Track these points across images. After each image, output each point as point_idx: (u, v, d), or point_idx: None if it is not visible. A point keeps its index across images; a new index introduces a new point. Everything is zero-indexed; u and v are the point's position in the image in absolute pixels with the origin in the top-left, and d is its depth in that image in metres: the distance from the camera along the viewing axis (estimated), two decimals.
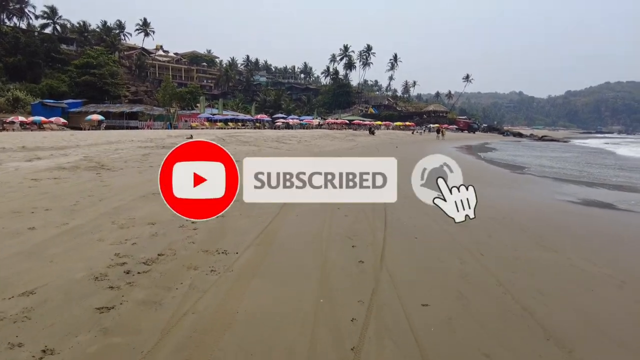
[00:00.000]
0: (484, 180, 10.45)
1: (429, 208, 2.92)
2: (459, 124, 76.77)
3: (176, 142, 13.36)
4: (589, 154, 29.90)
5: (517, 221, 5.72)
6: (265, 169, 2.75)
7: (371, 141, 29.70)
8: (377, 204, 5.58)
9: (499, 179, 11.16)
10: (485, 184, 9.74)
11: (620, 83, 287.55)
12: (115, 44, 69.96)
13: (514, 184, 10.29)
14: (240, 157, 2.61)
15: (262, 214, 5.17)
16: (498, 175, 12.24)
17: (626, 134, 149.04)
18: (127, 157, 9.89)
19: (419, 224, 5.21)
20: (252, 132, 26.30)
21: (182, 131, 28.20)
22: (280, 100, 75.39)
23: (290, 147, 17.47)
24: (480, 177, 11.07)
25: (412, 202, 3.13)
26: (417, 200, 2.88)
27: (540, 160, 19.79)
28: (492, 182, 10.13)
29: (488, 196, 7.40)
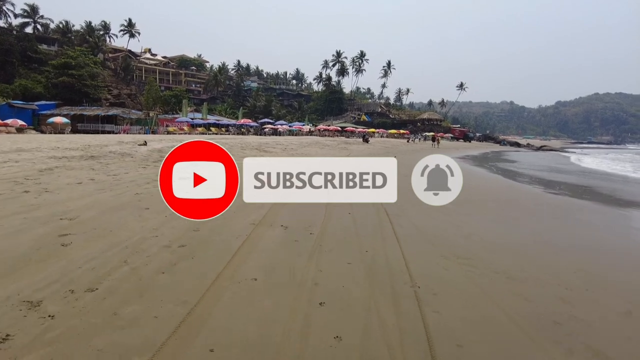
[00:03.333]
0: (522, 206, 7.94)
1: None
2: (455, 132, 75.08)
3: (118, 150, 10.09)
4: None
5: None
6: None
7: (365, 150, 27.26)
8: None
9: (540, 205, 8.64)
10: (526, 212, 7.23)
11: (608, 94, 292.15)
12: (99, 45, 67.62)
13: (568, 213, 7.71)
14: None
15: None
16: (534, 198, 9.73)
17: (616, 145, 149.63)
18: (7, 175, 7.18)
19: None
20: (231, 138, 23.56)
21: (143, 136, 25.28)
22: (270, 106, 73.45)
23: (271, 158, 14.85)
24: (513, 201, 8.56)
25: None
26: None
27: (564, 177, 17.27)
28: (535, 211, 7.62)
29: (556, 242, 5.01)
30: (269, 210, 5.80)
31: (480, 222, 6.13)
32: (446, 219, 6.14)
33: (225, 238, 4.50)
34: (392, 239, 4.77)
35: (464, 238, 5.08)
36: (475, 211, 6.94)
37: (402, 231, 5.16)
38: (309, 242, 4.52)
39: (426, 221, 5.85)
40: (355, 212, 6.12)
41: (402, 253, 4.25)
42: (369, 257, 4.11)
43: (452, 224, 5.79)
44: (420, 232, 5.23)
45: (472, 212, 6.81)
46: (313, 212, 5.88)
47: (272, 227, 5.05)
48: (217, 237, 4.51)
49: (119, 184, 7.01)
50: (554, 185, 13.00)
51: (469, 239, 5.03)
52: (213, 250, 4.11)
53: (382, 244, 4.59)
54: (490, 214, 6.87)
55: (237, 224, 5.03)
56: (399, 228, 5.30)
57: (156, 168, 9.34)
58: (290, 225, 5.12)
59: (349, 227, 5.25)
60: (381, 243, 4.60)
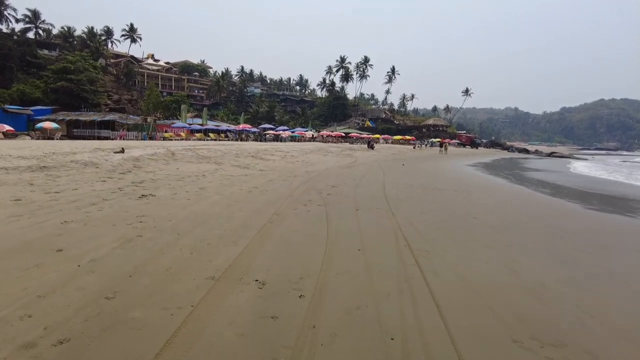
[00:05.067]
0: (583, 233, 6.29)
1: None
2: (462, 138, 73.30)
3: (85, 159, 7.99)
4: None
5: None
6: None
7: (371, 157, 25.67)
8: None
9: (607, 232, 6.98)
10: (594, 244, 5.59)
11: (614, 100, 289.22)
12: (100, 50, 67.04)
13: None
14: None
15: None
16: (596, 221, 8.07)
17: (626, 151, 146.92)
18: None
19: None
20: (228, 144, 22.01)
21: (129, 142, 23.83)
22: (273, 112, 72.31)
23: (266, 166, 13.28)
24: (569, 226, 6.90)
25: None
26: None
27: (612, 189, 15.27)
28: (606, 243, 5.96)
29: None
30: (243, 249, 4.19)
31: (540, 261, 4.52)
32: (492, 255, 4.54)
33: (153, 314, 2.71)
34: (427, 301, 3.17)
35: (532, 295, 3.47)
36: (526, 241, 5.34)
37: (438, 283, 3.58)
38: (295, 317, 2.80)
39: (466, 260, 4.27)
40: (367, 246, 4.53)
41: (448, 334, 2.64)
42: (397, 347, 2.49)
43: (503, 265, 4.20)
44: (464, 283, 3.64)
45: (522, 243, 5.22)
46: (307, 251, 4.29)
47: (241, 283, 3.36)
48: (140, 312, 2.71)
49: (51, 206, 5.44)
50: (610, 202, 11.13)
51: (539, 298, 3.42)
52: (118, 348, 2.30)
53: (413, 311, 2.98)
54: (547, 246, 5.25)
55: (186, 279, 3.32)
56: (433, 277, 3.71)
57: (119, 181, 7.81)
58: (269, 280, 3.45)
59: (360, 279, 3.62)
60: (411, 310, 3.00)
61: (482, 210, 7.52)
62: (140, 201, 6.07)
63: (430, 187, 10.89)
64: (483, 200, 9.05)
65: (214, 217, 5.41)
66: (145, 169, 9.54)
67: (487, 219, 6.71)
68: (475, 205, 8.22)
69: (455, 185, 12.01)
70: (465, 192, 10.42)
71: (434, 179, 13.46)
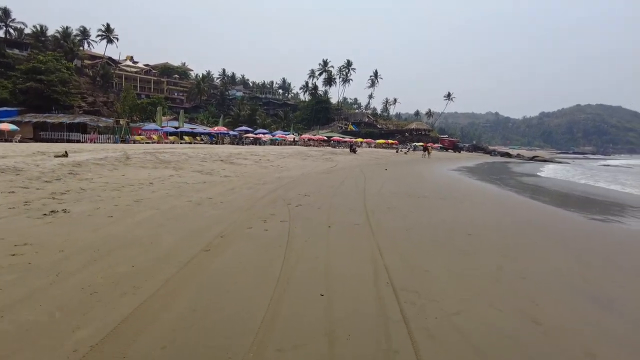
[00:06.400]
0: (616, 259, 5.16)
1: None
2: (444, 142, 73.15)
3: (9, 164, 6.41)
4: None
5: None
6: None
7: (353, 161, 24.48)
8: None
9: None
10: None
11: (590, 105, 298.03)
12: (75, 51, 64.54)
13: None
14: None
15: None
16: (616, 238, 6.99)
17: (603, 155, 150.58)
18: None
19: None
20: (197, 147, 20.29)
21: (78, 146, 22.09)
22: (255, 115, 70.72)
23: (234, 171, 11.83)
24: (602, 251, 5.78)
25: None
26: None
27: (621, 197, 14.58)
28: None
29: None
30: (140, 305, 2.75)
31: (570, 304, 3.29)
32: (502, 293, 3.31)
33: None
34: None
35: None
36: (543, 270, 4.12)
37: (433, 351, 2.29)
38: None
39: (469, 305, 3.01)
40: (335, 288, 3.24)
41: None
42: None
43: (520, 312, 2.96)
44: (472, 348, 2.37)
45: (538, 273, 3.98)
46: (243, 304, 2.90)
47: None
48: None
49: None
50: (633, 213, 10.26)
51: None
52: None
53: None
54: (573, 278, 4.03)
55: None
56: (426, 340, 2.43)
57: (34, 193, 6.27)
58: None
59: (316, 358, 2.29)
60: None
61: (477, 224, 6.36)
62: (41, 220, 4.61)
63: (416, 194, 9.73)
64: (476, 211, 7.90)
65: (129, 244, 4.02)
66: (82, 175, 8.03)
67: (485, 236, 5.54)
68: (467, 216, 7.07)
69: (442, 192, 10.89)
70: (454, 199, 9.30)
71: (419, 185, 12.33)
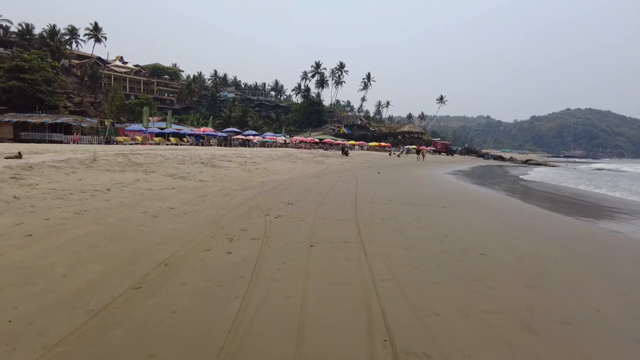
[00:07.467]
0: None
1: None
2: (437, 145, 72.56)
3: None
4: None
5: None
6: None
7: (345, 164, 23.50)
8: None
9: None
10: None
11: (579, 110, 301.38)
12: (61, 50, 62.92)
13: None
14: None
15: None
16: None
17: (593, 159, 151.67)
18: None
19: None
20: (179, 149, 18.98)
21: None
22: (246, 117, 69.58)
23: (213, 175, 10.72)
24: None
25: None
26: None
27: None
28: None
29: None
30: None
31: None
32: (543, 354, 2.31)
33: None
34: None
35: None
36: (587, 309, 3.11)
37: None
38: None
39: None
40: (306, 357, 2.23)
41: None
42: None
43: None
44: None
45: (580, 315, 2.98)
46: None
47: None
48: None
49: None
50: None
51: None
52: None
53: None
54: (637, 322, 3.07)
55: None
56: None
57: None
58: None
59: None
60: None
61: (487, 239, 5.40)
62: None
63: (412, 202, 8.76)
64: (482, 222, 6.92)
65: (28, 278, 2.96)
66: (26, 180, 6.91)
67: (500, 256, 4.58)
68: (474, 229, 6.10)
69: (441, 198, 9.93)
70: (456, 208, 8.34)
71: (415, 191, 11.37)
